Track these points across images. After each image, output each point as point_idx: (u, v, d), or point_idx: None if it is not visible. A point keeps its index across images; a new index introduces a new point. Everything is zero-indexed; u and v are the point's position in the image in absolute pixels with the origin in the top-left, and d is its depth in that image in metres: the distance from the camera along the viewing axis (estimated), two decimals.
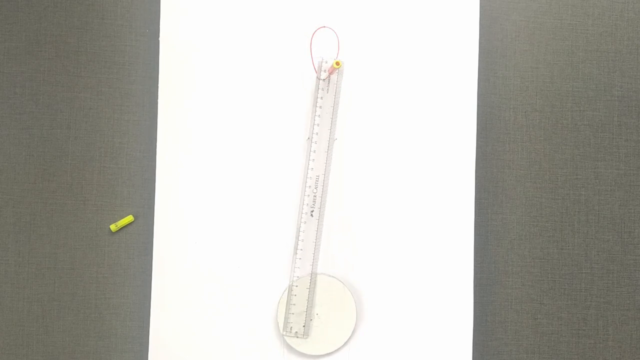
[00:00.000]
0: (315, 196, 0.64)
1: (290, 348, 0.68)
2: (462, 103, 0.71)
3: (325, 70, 0.61)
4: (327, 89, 0.62)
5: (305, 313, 0.67)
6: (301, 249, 0.67)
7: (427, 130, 0.71)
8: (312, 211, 0.64)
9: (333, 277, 0.69)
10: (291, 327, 0.67)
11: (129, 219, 0.70)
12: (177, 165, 0.69)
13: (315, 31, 0.70)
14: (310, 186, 0.63)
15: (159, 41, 0.69)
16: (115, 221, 0.70)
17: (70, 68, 0.71)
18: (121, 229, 0.70)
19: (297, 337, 0.67)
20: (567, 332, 0.74)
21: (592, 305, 0.74)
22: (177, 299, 0.68)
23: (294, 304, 0.67)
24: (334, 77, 0.68)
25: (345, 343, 0.68)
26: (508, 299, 0.73)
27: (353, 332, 0.69)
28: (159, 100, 0.68)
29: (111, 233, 0.70)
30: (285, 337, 0.67)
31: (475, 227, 0.72)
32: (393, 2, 0.71)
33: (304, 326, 0.67)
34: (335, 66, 0.61)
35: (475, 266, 0.72)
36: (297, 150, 0.69)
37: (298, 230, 0.68)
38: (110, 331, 0.70)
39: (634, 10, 0.76)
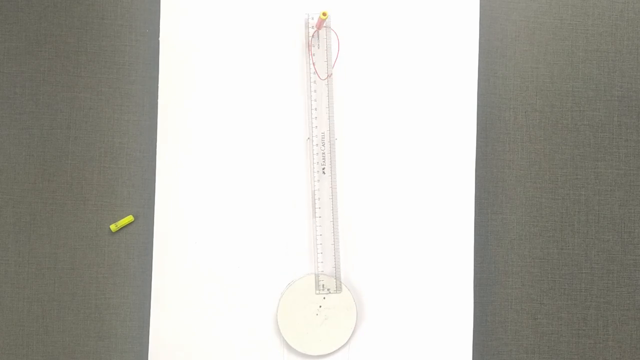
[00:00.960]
0: (324, 154, 0.64)
1: (290, 348, 0.68)
2: (462, 103, 0.71)
3: (312, 27, 0.60)
4: (316, 52, 0.62)
5: (335, 270, 0.68)
6: (320, 234, 0.68)
7: (427, 130, 0.71)
8: (323, 168, 0.65)
9: (333, 277, 0.69)
10: (323, 285, 0.68)
11: (129, 219, 0.70)
12: (177, 165, 0.69)
13: (316, 31, 0.70)
14: (317, 144, 0.63)
15: (159, 41, 0.69)
16: (115, 221, 0.70)
17: (70, 68, 0.71)
18: (121, 229, 0.70)
19: (331, 293, 0.68)
20: (567, 332, 0.74)
21: (592, 305, 0.74)
22: (177, 299, 0.68)
23: (322, 262, 0.67)
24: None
25: (345, 343, 0.68)
26: (508, 299, 0.73)
27: (353, 332, 0.69)
28: (159, 100, 0.68)
29: (111, 233, 0.70)
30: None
31: (475, 227, 0.72)
32: (393, 2, 0.71)
33: (335, 280, 0.68)
34: (322, 17, 0.58)
35: (475, 266, 0.72)
36: (297, 150, 0.69)
37: (315, 227, 0.68)
38: (110, 331, 0.70)
39: (634, 10, 0.76)
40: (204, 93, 0.69)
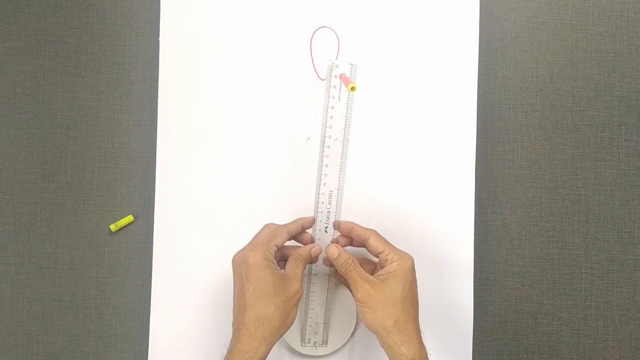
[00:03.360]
0: (329, 212, 0.63)
1: (290, 348, 0.68)
2: (462, 103, 0.71)
3: (336, 76, 0.59)
4: (339, 97, 0.60)
5: (323, 323, 0.67)
6: (316, 265, 0.67)
7: (428, 131, 0.71)
8: (326, 227, 0.64)
9: (332, 277, 0.69)
10: (309, 338, 0.67)
11: (129, 219, 0.70)
12: (177, 165, 0.69)
13: (315, 31, 0.70)
14: (323, 202, 0.63)
15: (159, 41, 0.69)
16: (115, 221, 0.70)
17: (70, 68, 0.71)
18: (121, 229, 0.70)
19: (316, 347, 0.67)
20: (567, 332, 0.74)
21: (592, 305, 0.74)
22: (177, 299, 0.68)
23: (311, 317, 0.67)
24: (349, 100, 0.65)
25: (345, 343, 0.68)
26: (508, 299, 0.74)
27: (353, 332, 0.69)
28: (159, 100, 0.68)
29: (111, 233, 0.70)
30: (303, 346, 0.67)
31: (475, 227, 0.72)
32: (393, 2, 0.71)
33: (322, 335, 0.67)
34: (351, 91, 0.56)
35: (475, 266, 0.72)
36: (297, 151, 0.69)
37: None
38: (110, 331, 0.70)
39: (634, 10, 0.76)
40: (204, 93, 0.69)
